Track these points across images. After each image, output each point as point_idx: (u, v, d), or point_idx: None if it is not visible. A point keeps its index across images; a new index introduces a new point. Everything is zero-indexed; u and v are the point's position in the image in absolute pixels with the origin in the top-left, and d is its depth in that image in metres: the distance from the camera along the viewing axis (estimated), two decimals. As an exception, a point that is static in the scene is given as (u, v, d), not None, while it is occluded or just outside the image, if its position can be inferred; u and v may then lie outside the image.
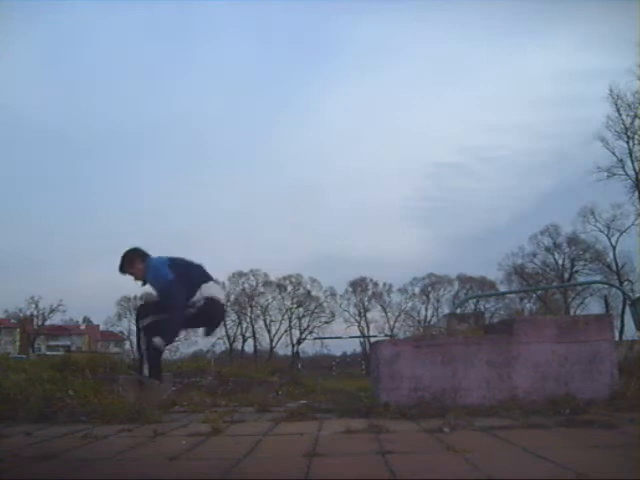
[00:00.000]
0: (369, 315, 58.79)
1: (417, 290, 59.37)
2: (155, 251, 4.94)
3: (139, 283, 4.90)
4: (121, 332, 62.38)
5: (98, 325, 66.55)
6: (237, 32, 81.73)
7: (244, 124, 79.05)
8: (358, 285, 59.12)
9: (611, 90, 36.79)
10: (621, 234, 43.81)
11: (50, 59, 76.66)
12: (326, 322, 58.53)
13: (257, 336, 58.97)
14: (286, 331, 58.70)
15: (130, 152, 77.70)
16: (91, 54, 79.34)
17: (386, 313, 58.83)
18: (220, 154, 77.54)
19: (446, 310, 47.11)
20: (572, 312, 38.90)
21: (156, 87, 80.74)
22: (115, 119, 78.73)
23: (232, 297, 59.04)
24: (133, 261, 4.86)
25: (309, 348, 56.23)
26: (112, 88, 76.75)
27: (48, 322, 59.09)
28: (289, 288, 59.63)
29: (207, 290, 4.73)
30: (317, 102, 79.47)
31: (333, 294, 59.34)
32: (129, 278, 4.88)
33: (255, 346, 58.61)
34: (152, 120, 78.47)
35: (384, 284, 59.22)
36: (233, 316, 59.04)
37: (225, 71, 79.34)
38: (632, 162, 37.22)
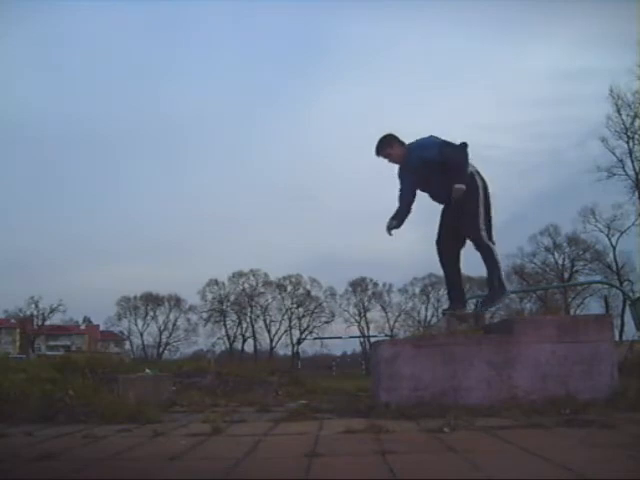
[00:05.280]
0: (369, 315, 58.78)
1: (417, 290, 59.30)
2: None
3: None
4: (121, 332, 62.39)
5: (98, 325, 66.51)
6: (229, 33, 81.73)
7: (243, 125, 79.16)
8: (358, 285, 59.06)
9: (611, 90, 36.80)
10: (621, 234, 43.81)
11: (45, 59, 76.69)
12: (326, 322, 58.53)
13: (257, 336, 58.99)
14: (286, 331, 58.72)
15: (128, 153, 77.79)
16: (85, 54, 79.37)
17: (386, 313, 58.82)
18: (219, 155, 77.60)
19: (446, 310, 46.90)
20: (572, 312, 38.84)
21: (150, 88, 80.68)
22: (113, 121, 78.68)
23: (232, 297, 59.14)
24: (390, 143, 4.95)
25: (309, 348, 56.25)
26: (103, 89, 76.82)
27: (48, 322, 59.08)
28: (289, 288, 59.62)
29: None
30: (315, 101, 79.50)
31: (333, 294, 59.30)
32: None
33: (255, 346, 58.61)
34: (150, 121, 78.59)
35: (384, 284, 59.23)
36: (233, 316, 59.11)
37: (217, 73, 79.25)
38: (632, 162, 37.22)
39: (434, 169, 4.78)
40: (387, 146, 4.94)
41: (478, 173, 4.85)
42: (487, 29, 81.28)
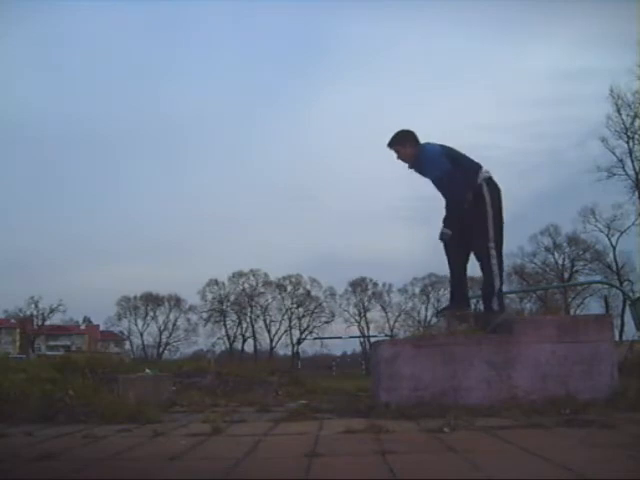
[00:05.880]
0: (369, 315, 58.84)
1: (417, 290, 59.38)
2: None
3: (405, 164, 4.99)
4: (121, 332, 62.41)
5: (98, 325, 66.51)
6: (229, 33, 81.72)
7: (243, 125, 79.08)
8: (358, 285, 59.09)
9: (611, 90, 36.82)
10: (621, 234, 43.86)
11: (45, 59, 76.62)
12: (326, 322, 58.59)
13: (257, 336, 59.04)
14: (286, 331, 58.76)
15: (128, 153, 77.79)
16: (85, 54, 79.29)
17: (386, 313, 58.88)
18: (219, 155, 77.55)
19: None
20: (572, 312, 38.82)
21: (150, 88, 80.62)
22: (113, 121, 78.63)
23: (232, 297, 59.12)
24: (405, 140, 4.92)
25: (309, 348, 56.29)
26: (103, 89, 76.73)
27: (48, 322, 59.08)
28: (289, 288, 59.69)
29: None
30: (315, 101, 79.45)
31: (333, 294, 59.38)
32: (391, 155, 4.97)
33: (255, 346, 58.66)
34: (150, 121, 78.51)
35: (384, 284, 59.26)
36: (233, 316, 59.10)
37: (217, 73, 79.22)
38: (632, 162, 37.24)
39: (439, 184, 4.91)
40: (400, 143, 4.91)
41: (489, 182, 4.78)
42: (487, 29, 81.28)
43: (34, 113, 73.73)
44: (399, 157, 4.96)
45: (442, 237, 4.80)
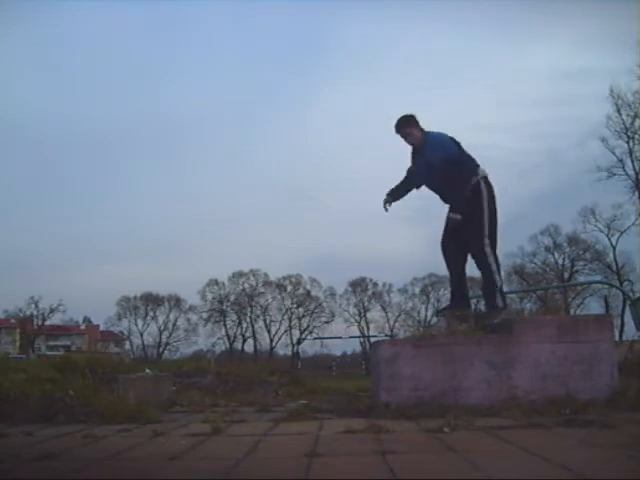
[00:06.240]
0: (369, 315, 58.79)
1: (417, 290, 59.35)
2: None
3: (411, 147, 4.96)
4: (121, 332, 62.38)
5: (98, 325, 66.46)
6: (229, 33, 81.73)
7: (243, 125, 79.08)
8: (358, 285, 59.05)
9: (611, 90, 36.82)
10: (621, 234, 43.85)
11: (45, 59, 76.64)
12: (326, 322, 58.53)
13: (257, 336, 59.00)
14: (286, 331, 58.72)
15: (128, 153, 77.79)
16: (85, 54, 79.32)
17: (386, 313, 58.83)
18: (219, 155, 77.54)
19: (446, 310, 46.75)
20: (572, 312, 38.80)
21: (150, 88, 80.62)
22: (113, 121, 78.62)
23: (232, 297, 59.11)
24: (411, 123, 4.90)
25: (309, 348, 56.24)
26: (103, 89, 76.72)
27: (48, 322, 59.05)
28: (289, 288, 59.63)
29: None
30: (315, 101, 79.42)
31: (333, 294, 59.33)
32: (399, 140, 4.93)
33: (255, 346, 58.61)
34: (150, 121, 78.49)
35: (384, 284, 59.23)
36: (233, 316, 59.08)
37: (217, 73, 79.19)
38: (632, 162, 37.24)
39: (442, 169, 4.78)
40: (409, 125, 4.89)
41: (485, 180, 4.79)
42: (487, 29, 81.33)
43: (34, 113, 73.76)
44: (408, 140, 4.94)
45: (451, 223, 4.77)
